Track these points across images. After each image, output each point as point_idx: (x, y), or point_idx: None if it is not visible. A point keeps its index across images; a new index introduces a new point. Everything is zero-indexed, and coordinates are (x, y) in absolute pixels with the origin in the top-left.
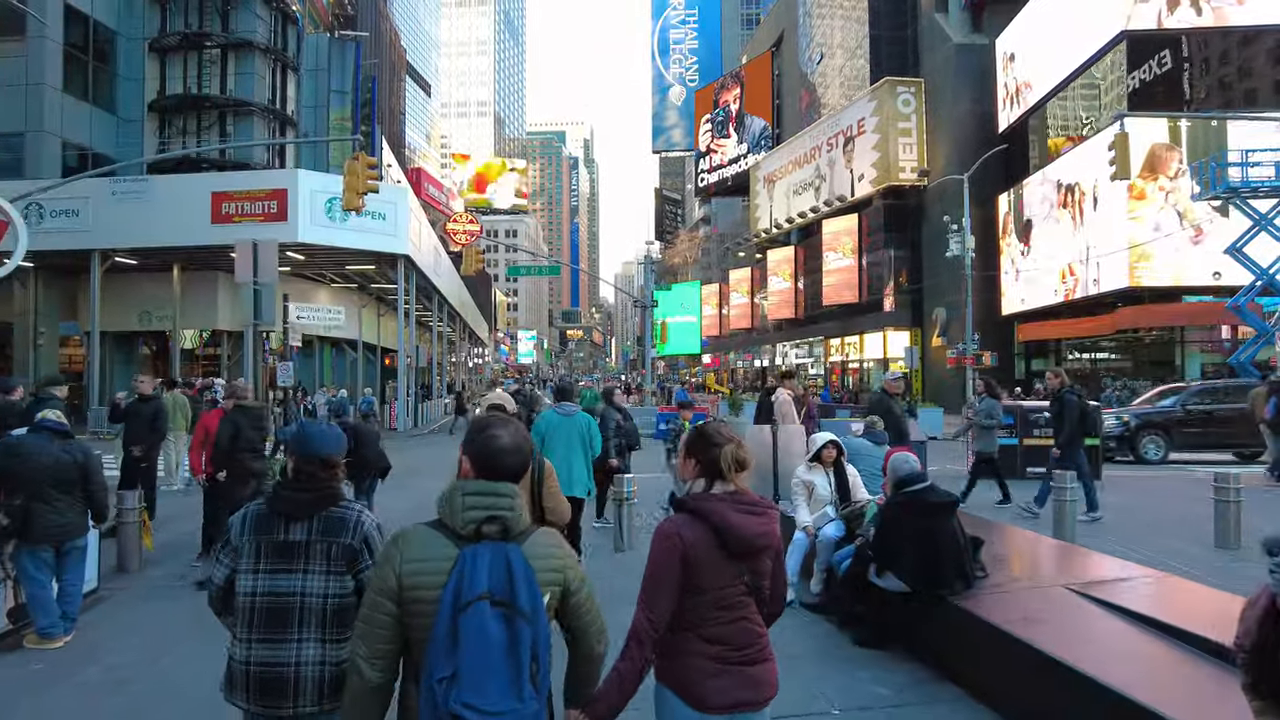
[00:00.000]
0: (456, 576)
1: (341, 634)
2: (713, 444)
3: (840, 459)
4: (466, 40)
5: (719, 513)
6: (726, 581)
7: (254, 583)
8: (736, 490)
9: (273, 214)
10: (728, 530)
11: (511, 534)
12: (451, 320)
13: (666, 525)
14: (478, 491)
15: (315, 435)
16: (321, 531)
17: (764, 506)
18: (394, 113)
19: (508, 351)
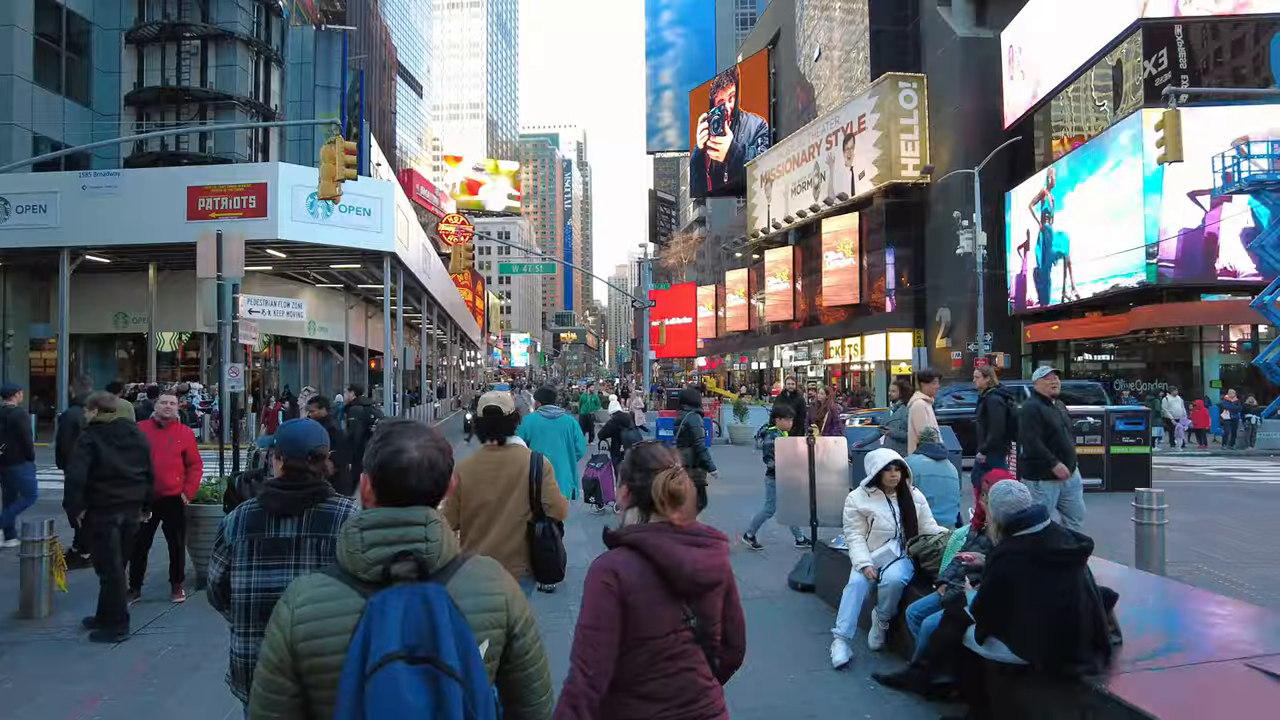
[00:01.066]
0: (361, 633)
1: None
2: (646, 470)
3: (905, 482)
4: (458, 42)
5: (661, 547)
6: (670, 627)
7: (248, 579)
8: (681, 519)
9: (251, 209)
10: (672, 567)
11: (431, 570)
12: (442, 323)
13: (600, 562)
14: (381, 523)
15: (299, 432)
16: (311, 527)
17: (711, 537)
18: (385, 112)
19: (500, 354)
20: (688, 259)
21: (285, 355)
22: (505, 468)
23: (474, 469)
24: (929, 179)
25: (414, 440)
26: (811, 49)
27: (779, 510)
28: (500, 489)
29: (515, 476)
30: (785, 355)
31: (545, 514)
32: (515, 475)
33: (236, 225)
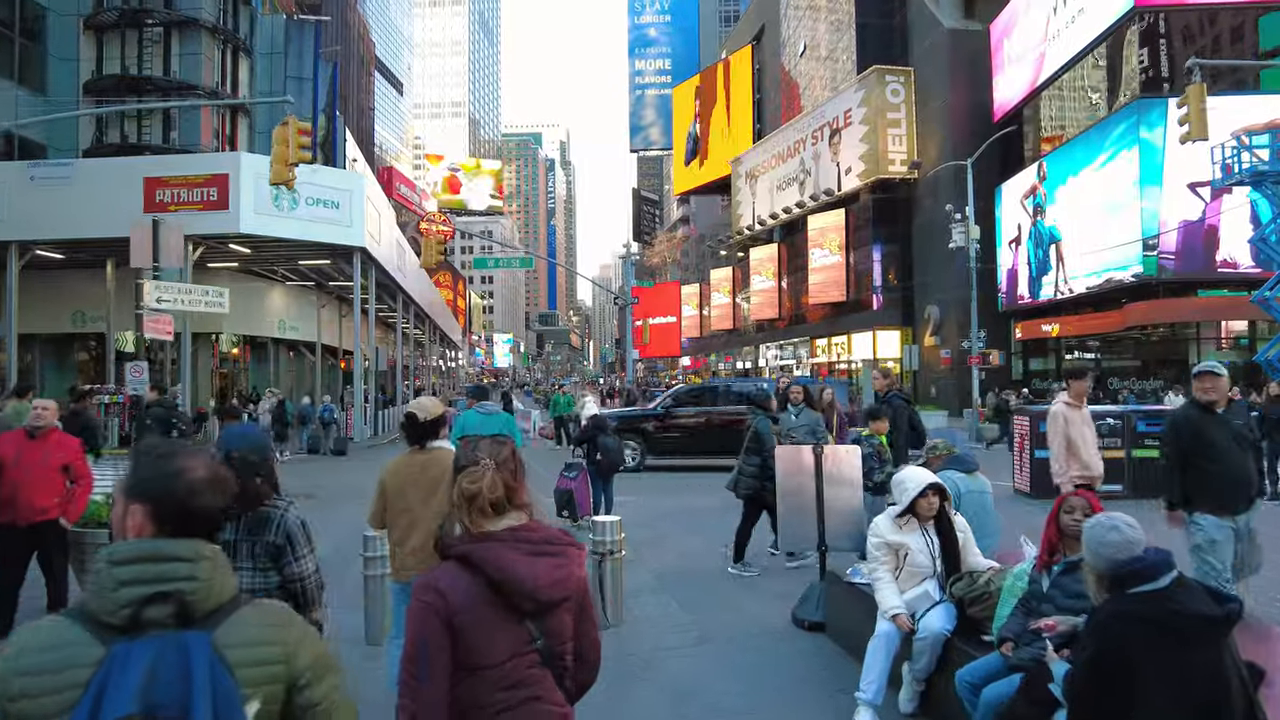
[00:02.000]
0: (93, 692)
1: None
2: (459, 469)
3: (944, 508)
4: (440, 40)
5: (493, 558)
6: (512, 650)
7: None
8: (521, 524)
9: (212, 202)
10: (507, 581)
11: (196, 615)
12: (420, 321)
13: (423, 579)
14: (139, 556)
15: (234, 437)
16: (247, 530)
17: (559, 544)
18: (363, 108)
19: (483, 355)
20: (672, 258)
21: (255, 356)
22: (430, 470)
23: (399, 472)
24: (917, 174)
25: (195, 460)
26: (796, 44)
27: (780, 532)
28: (424, 491)
29: (439, 478)
30: (770, 354)
31: None
32: (439, 477)
33: (197, 219)
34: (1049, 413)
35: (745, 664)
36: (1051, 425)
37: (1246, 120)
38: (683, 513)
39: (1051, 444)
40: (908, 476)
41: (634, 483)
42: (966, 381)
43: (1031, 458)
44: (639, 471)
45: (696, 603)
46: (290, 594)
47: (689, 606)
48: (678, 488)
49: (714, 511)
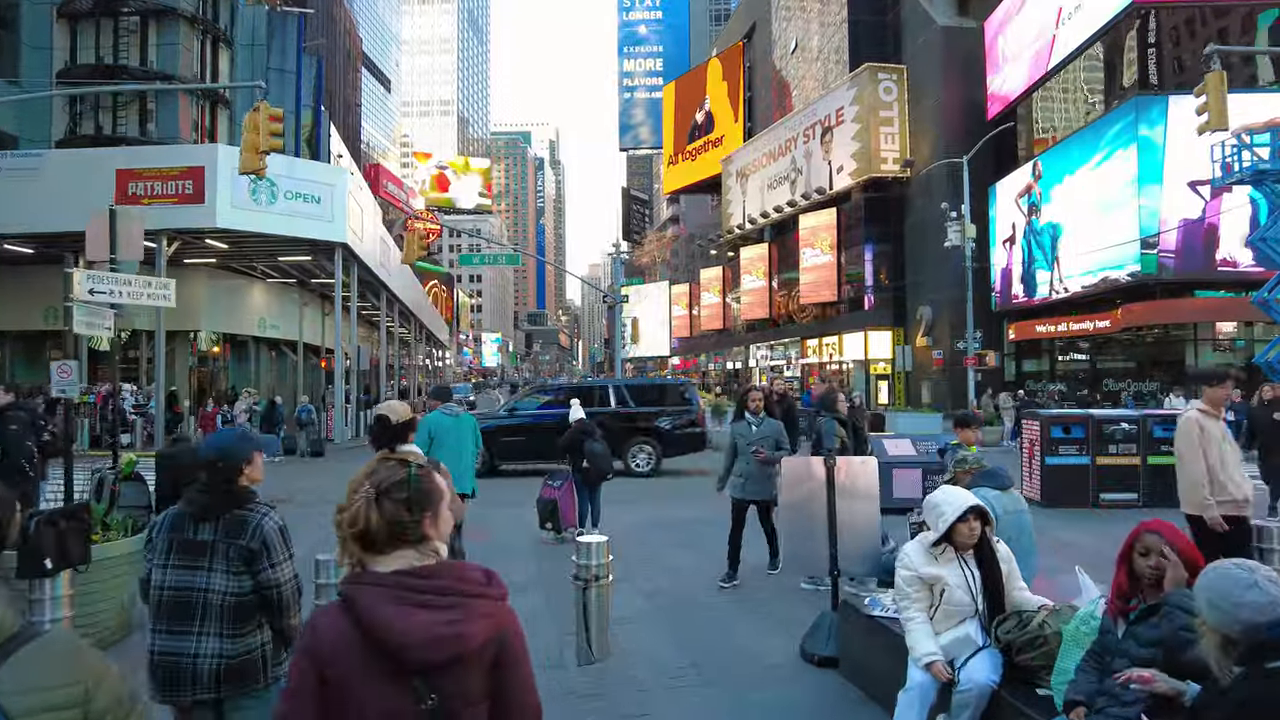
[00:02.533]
0: None
1: (239, 629)
2: (350, 493)
3: (986, 535)
4: (429, 38)
5: (367, 604)
6: (389, 712)
7: (164, 576)
8: (414, 567)
9: (188, 195)
10: (373, 633)
11: None
12: (405, 320)
13: (310, 617)
14: None
15: (212, 440)
16: (224, 533)
17: (453, 593)
18: (350, 104)
19: (471, 354)
20: (662, 257)
21: (235, 354)
22: None
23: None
24: (909, 172)
25: None
26: (787, 42)
27: (785, 551)
28: None
29: None
30: (761, 355)
31: None
32: None
33: (171, 212)
34: (1180, 425)
35: (749, 707)
36: (1185, 440)
37: (1246, 119)
38: (674, 524)
39: (1188, 464)
40: (943, 498)
41: (620, 490)
42: (959, 383)
43: (1042, 464)
44: (487, 477)
45: (692, 631)
46: (264, 600)
47: (683, 636)
48: (666, 495)
49: (705, 523)
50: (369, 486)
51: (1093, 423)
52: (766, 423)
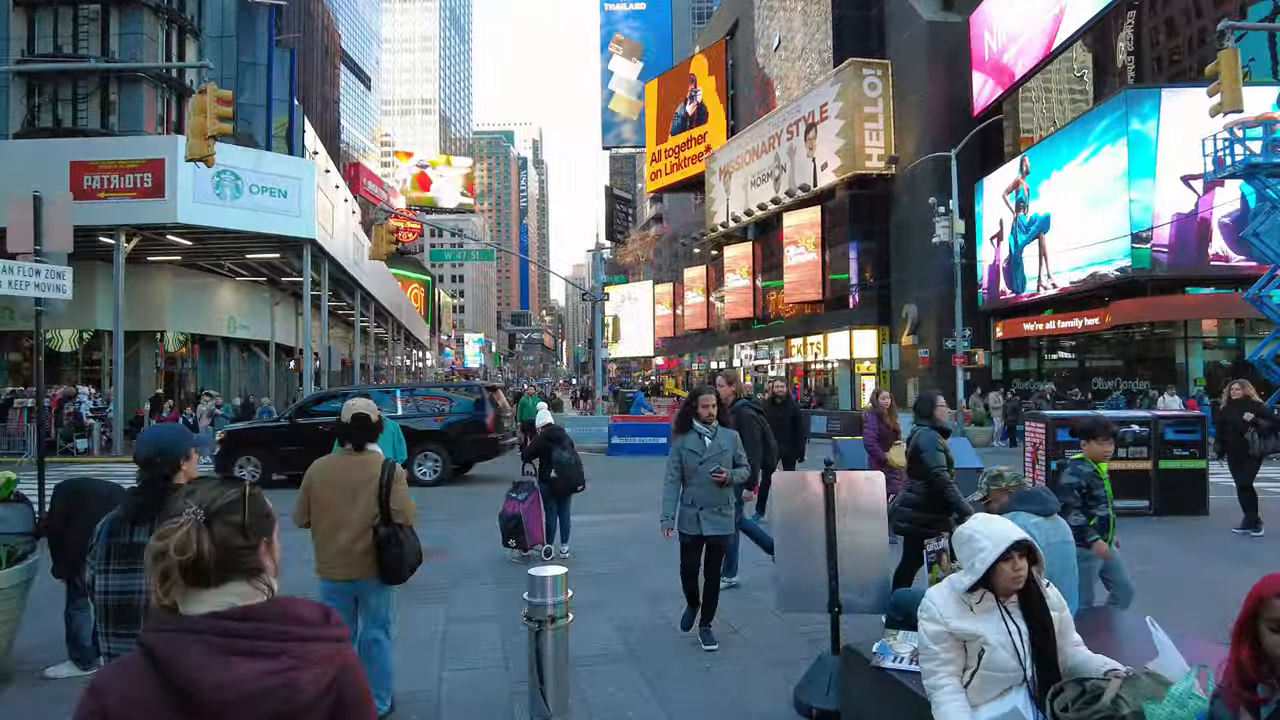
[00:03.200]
0: None
1: None
2: (168, 516)
3: (1035, 577)
4: (410, 36)
5: (173, 654)
6: None
7: (106, 582)
8: (234, 608)
9: (147, 189)
10: (186, 687)
11: None
12: (381, 319)
13: (91, 680)
14: None
15: (151, 435)
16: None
17: (282, 639)
18: (328, 101)
19: (453, 355)
20: (645, 257)
21: (204, 355)
22: (356, 472)
23: (326, 472)
24: (894, 169)
25: None
26: (770, 38)
27: (779, 586)
28: (350, 492)
29: (366, 481)
30: (745, 354)
31: (394, 520)
32: (366, 480)
33: (129, 207)
34: None
35: None
36: None
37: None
38: (654, 537)
39: None
40: (981, 529)
41: (594, 500)
42: (946, 382)
43: (1047, 469)
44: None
45: (668, 675)
46: None
47: (658, 681)
48: (644, 501)
49: None
50: (195, 507)
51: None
52: (721, 433)
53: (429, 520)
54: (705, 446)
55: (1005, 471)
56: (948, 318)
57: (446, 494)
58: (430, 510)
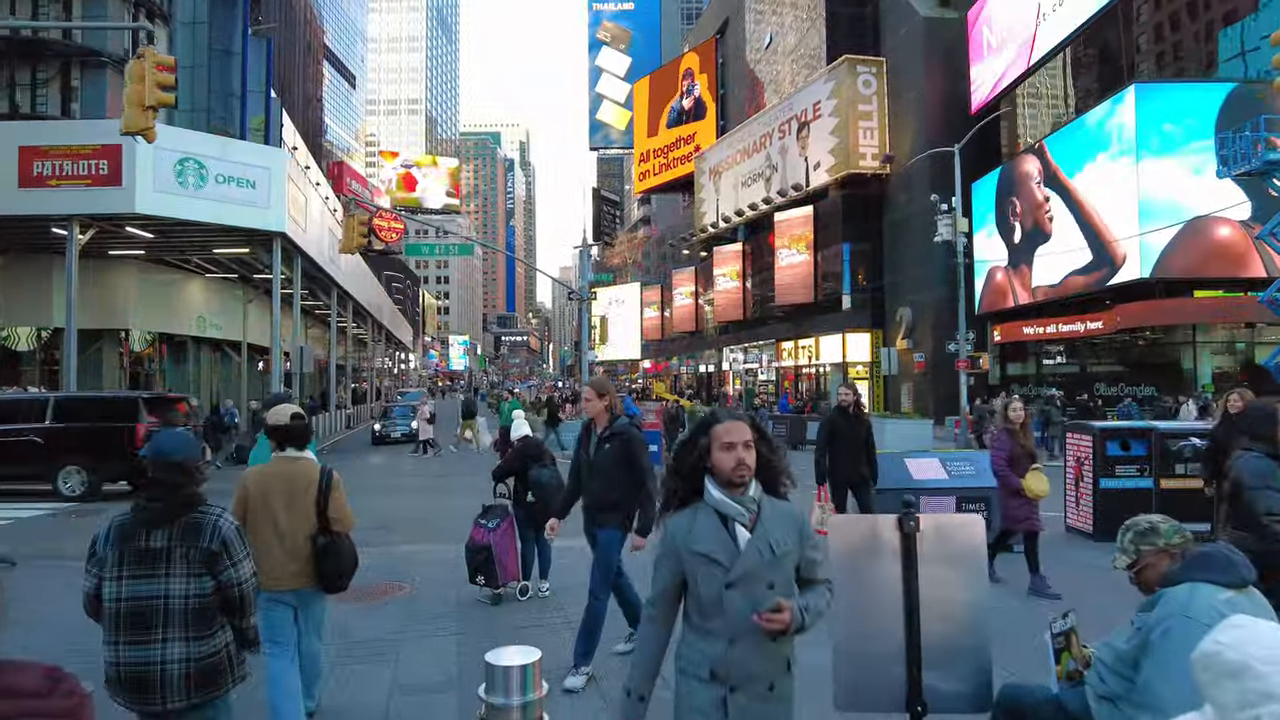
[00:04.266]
0: None
1: (202, 631)
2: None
3: None
4: (397, 36)
5: None
6: None
7: (118, 589)
8: None
9: (103, 177)
10: None
11: None
12: (360, 319)
13: None
14: None
15: (166, 443)
16: (181, 537)
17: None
18: (310, 97)
19: (437, 357)
20: (632, 259)
21: (173, 356)
22: (296, 480)
23: (264, 481)
24: (889, 169)
25: None
26: (761, 37)
27: (837, 676)
28: (288, 500)
29: (305, 489)
30: (735, 357)
31: (332, 528)
32: (305, 487)
33: (83, 195)
34: None
35: None
36: None
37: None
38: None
39: None
40: (1258, 653)
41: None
42: (941, 387)
43: (1095, 487)
44: None
45: None
46: (226, 600)
47: None
48: None
49: None
50: None
51: (1156, 438)
52: (772, 512)
53: (382, 540)
54: (737, 547)
55: (1162, 524)
56: (943, 321)
57: (412, 507)
58: (388, 531)
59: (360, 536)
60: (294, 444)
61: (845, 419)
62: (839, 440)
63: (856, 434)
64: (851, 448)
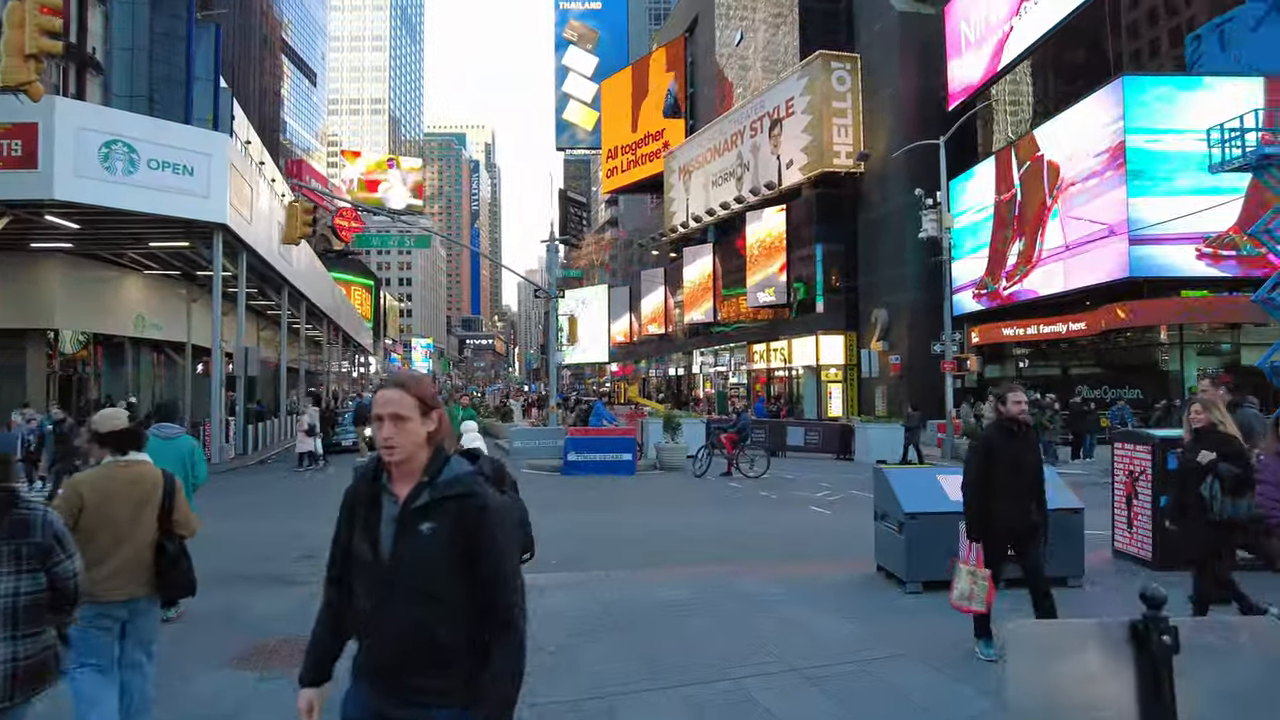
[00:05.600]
0: None
1: (32, 629)
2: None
3: None
4: (360, 34)
5: None
6: None
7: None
8: None
9: (15, 159)
10: None
11: None
12: (314, 320)
13: None
14: None
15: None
16: (9, 535)
17: None
18: (267, 92)
19: (399, 360)
20: (600, 260)
21: (109, 358)
22: (140, 484)
23: (104, 485)
24: (863, 167)
25: None
26: (732, 34)
27: None
28: (133, 506)
29: (149, 493)
30: (704, 360)
31: (175, 531)
32: (148, 492)
33: None
34: None
35: None
36: None
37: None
38: (637, 614)
39: None
40: None
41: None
42: (919, 390)
43: (1154, 508)
44: None
45: None
46: (60, 594)
47: None
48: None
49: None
50: None
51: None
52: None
53: (308, 575)
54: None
55: None
56: (920, 322)
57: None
58: (315, 562)
59: (281, 569)
60: (134, 447)
61: (1010, 439)
62: (1000, 470)
63: (1025, 460)
64: (1019, 481)
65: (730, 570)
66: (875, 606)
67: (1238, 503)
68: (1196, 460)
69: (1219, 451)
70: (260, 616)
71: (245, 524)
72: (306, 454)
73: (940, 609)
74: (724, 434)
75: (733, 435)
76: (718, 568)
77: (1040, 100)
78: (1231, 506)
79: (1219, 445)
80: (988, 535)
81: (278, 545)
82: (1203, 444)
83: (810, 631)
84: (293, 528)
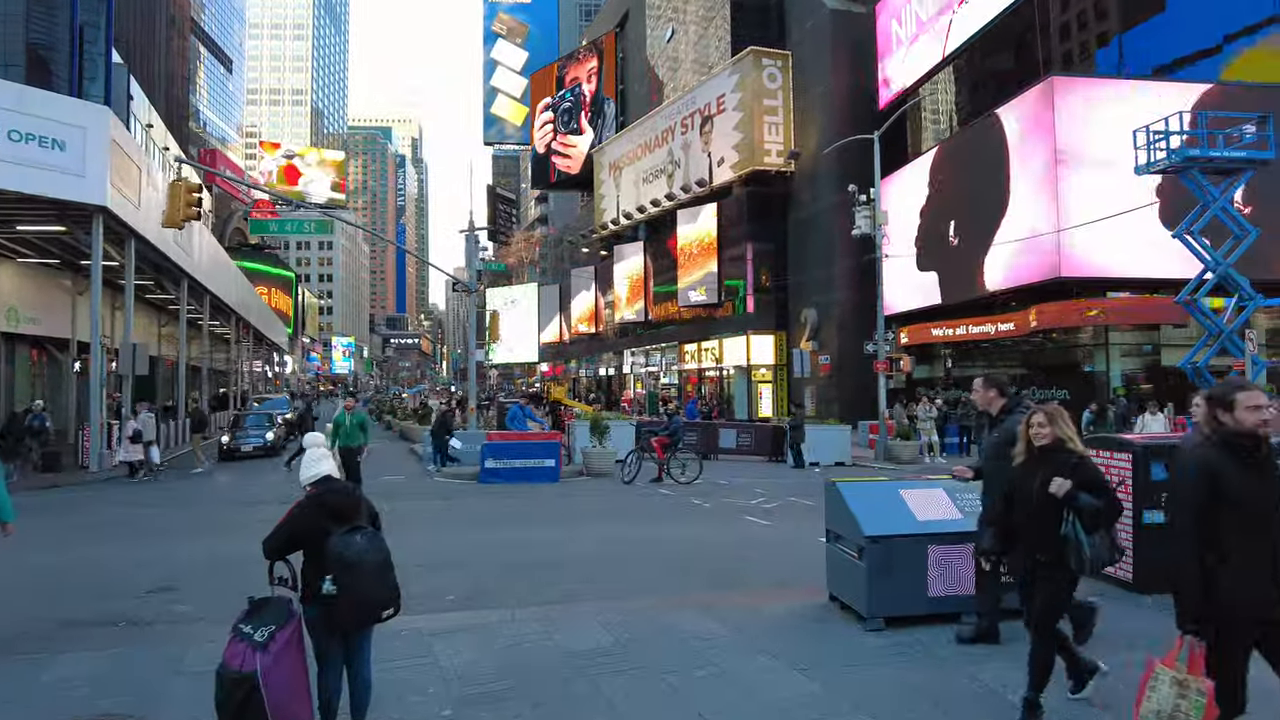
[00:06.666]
0: None
1: None
2: None
3: None
4: (280, 22)
5: None
6: None
7: None
8: None
9: None
10: None
11: None
12: (221, 316)
13: None
14: None
15: None
16: None
17: None
18: (174, 75)
19: (319, 359)
20: (529, 258)
21: None
22: None
23: None
24: (794, 165)
25: None
26: (663, 30)
27: None
28: None
29: None
30: (635, 360)
31: None
32: None
33: None
34: None
35: None
36: None
37: (1166, 108)
38: (559, 666)
39: None
40: None
41: (448, 572)
42: (848, 390)
43: (1137, 523)
44: None
45: None
46: None
47: None
48: (532, 571)
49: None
50: None
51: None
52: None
53: (159, 613)
54: None
55: None
56: (849, 322)
57: (225, 553)
58: (172, 595)
59: (128, 608)
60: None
61: (1245, 468)
62: (1233, 515)
63: (1270, 498)
64: (1265, 534)
65: (660, 605)
66: (834, 652)
67: (1093, 544)
68: (1049, 491)
69: (1075, 479)
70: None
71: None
72: (133, 464)
73: (911, 653)
74: (655, 438)
75: (664, 439)
76: (645, 601)
77: (971, 100)
78: (1090, 547)
79: (1071, 471)
80: (1219, 623)
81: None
82: (1051, 467)
83: (759, 694)
84: (156, 550)
